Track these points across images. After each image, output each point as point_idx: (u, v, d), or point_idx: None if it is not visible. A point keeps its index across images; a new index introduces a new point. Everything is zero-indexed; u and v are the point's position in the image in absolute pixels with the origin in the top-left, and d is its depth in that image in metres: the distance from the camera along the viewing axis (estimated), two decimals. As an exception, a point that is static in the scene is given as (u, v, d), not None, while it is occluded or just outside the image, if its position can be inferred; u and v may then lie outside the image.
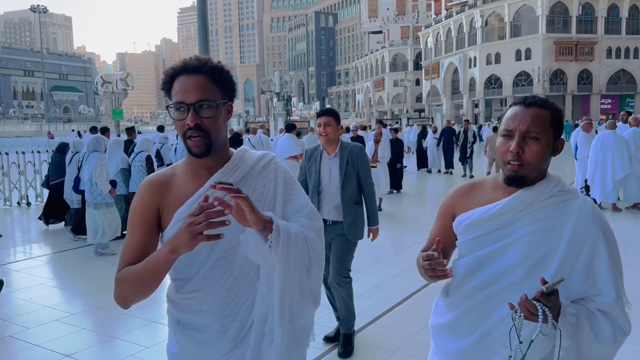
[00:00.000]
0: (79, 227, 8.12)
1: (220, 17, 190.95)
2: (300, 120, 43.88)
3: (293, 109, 58.38)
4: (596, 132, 12.81)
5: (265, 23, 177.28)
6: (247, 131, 20.10)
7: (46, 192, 12.38)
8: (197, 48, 13.87)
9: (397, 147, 12.37)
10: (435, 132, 18.48)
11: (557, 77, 61.26)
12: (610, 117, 46.10)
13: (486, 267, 1.66)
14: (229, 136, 1.84)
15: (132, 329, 4.62)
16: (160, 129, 15.16)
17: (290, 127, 11.02)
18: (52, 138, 32.93)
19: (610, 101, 61.60)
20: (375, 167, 10.19)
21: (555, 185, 1.65)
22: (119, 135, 17.41)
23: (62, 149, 9.47)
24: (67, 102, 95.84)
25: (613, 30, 61.63)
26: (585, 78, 61.76)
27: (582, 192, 10.59)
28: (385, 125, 14.76)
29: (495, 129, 20.69)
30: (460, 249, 1.76)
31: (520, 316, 1.48)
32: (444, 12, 77.21)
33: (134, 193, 6.38)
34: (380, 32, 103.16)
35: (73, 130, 46.19)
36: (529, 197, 1.62)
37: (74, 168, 8.40)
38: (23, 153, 12.48)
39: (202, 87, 1.53)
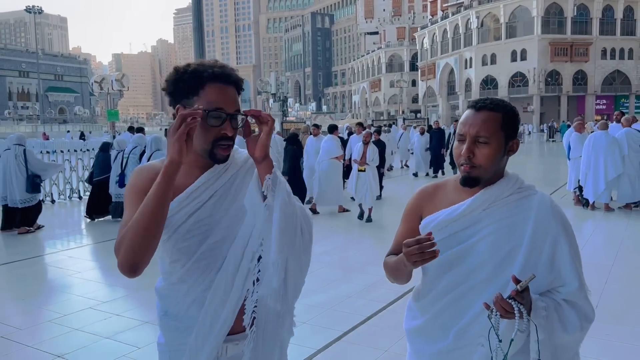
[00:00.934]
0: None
1: (216, 17, 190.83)
2: (296, 121, 43.86)
3: (289, 109, 58.33)
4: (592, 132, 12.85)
5: (262, 24, 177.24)
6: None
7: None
8: (192, 49, 13.89)
9: (378, 149, 11.05)
10: (422, 133, 17.25)
11: (553, 78, 61.49)
12: (605, 117, 46.28)
13: (455, 267, 1.69)
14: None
15: (125, 330, 4.62)
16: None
17: (332, 129, 10.98)
18: (47, 139, 32.78)
19: (605, 102, 61.85)
20: (364, 170, 9.49)
21: (515, 182, 1.71)
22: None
23: (105, 148, 10.50)
24: (62, 103, 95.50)
25: (608, 31, 61.91)
26: (580, 79, 62.00)
27: (576, 192, 10.67)
28: (364, 128, 13.49)
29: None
30: None
31: (496, 315, 1.51)
32: (439, 13, 77.43)
33: None
34: (377, 33, 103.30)
35: (68, 131, 46.09)
36: (490, 196, 1.68)
37: (118, 165, 9.49)
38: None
39: (237, 99, 1.62)
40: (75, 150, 13.56)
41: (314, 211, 10.32)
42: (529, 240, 1.63)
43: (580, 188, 10.30)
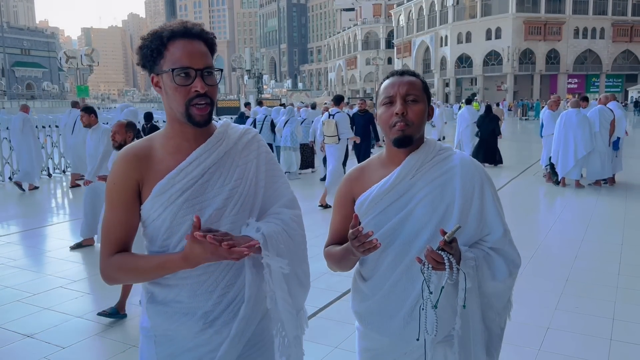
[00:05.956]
0: None
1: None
2: (271, 99, 43.49)
3: (264, 86, 57.77)
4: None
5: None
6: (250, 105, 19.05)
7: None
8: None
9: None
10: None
11: (526, 57, 62.06)
12: (576, 96, 46.99)
13: (397, 237, 1.71)
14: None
15: (96, 309, 4.55)
16: (260, 103, 17.70)
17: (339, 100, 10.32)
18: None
19: (576, 81, 62.83)
20: None
21: (435, 145, 1.78)
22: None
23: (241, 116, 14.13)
24: (30, 78, 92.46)
25: (580, 10, 62.54)
26: (553, 58, 62.73)
27: (547, 169, 10.84)
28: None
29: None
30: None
31: (428, 268, 1.55)
32: (416, -10, 76.94)
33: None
34: (353, 9, 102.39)
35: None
36: (417, 161, 1.73)
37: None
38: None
39: (205, 53, 1.51)
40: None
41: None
42: (460, 195, 1.70)
43: (551, 165, 10.46)
